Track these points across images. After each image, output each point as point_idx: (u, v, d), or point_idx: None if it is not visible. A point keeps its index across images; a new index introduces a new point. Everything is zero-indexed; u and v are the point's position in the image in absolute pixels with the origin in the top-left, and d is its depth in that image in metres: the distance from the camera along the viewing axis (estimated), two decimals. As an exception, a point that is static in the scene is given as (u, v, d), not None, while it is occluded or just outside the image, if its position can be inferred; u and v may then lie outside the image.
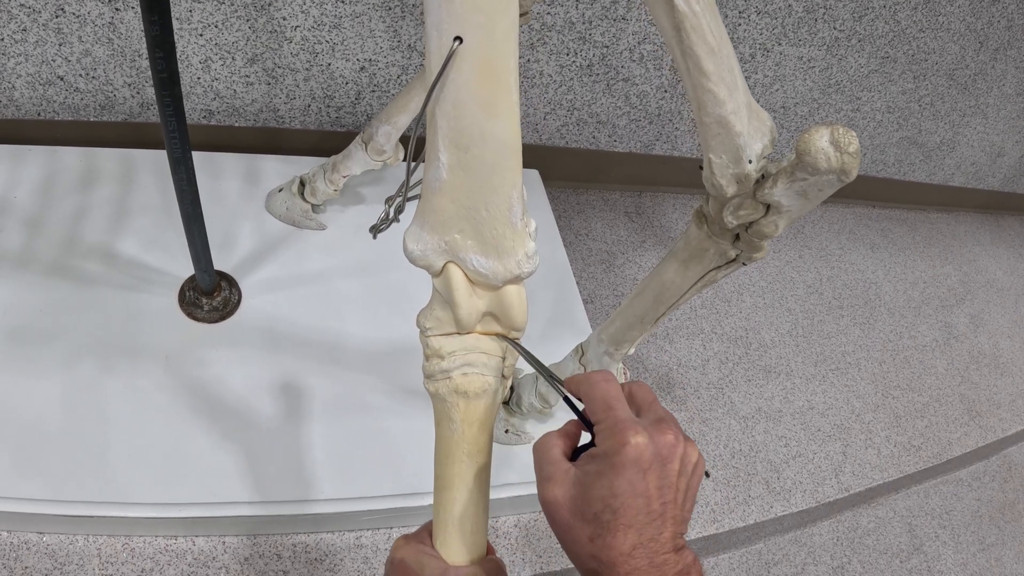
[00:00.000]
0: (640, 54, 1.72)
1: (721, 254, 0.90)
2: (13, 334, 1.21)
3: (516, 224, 0.59)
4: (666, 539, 0.52)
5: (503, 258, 0.59)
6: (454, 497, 0.64)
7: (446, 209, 0.58)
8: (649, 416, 0.56)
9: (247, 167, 1.55)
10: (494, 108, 0.54)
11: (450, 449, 0.65)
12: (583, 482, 0.53)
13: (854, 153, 0.68)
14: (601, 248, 1.88)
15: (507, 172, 0.57)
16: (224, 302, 1.32)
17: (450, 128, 0.55)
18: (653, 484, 0.52)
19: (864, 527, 1.73)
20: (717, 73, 0.72)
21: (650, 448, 0.52)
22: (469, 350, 0.64)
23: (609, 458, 0.52)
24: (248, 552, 1.14)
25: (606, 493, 0.51)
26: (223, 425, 1.19)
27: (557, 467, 0.55)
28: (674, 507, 0.53)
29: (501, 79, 0.54)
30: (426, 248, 0.61)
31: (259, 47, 1.47)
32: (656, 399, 0.58)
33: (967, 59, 2.03)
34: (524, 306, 0.63)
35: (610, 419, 0.54)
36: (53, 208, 1.38)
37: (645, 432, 0.53)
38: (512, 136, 0.56)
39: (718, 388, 1.69)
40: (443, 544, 0.64)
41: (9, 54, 1.38)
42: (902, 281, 2.24)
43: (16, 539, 1.08)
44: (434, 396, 0.66)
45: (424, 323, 0.65)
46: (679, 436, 0.54)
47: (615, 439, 0.52)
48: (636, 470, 0.51)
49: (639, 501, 0.51)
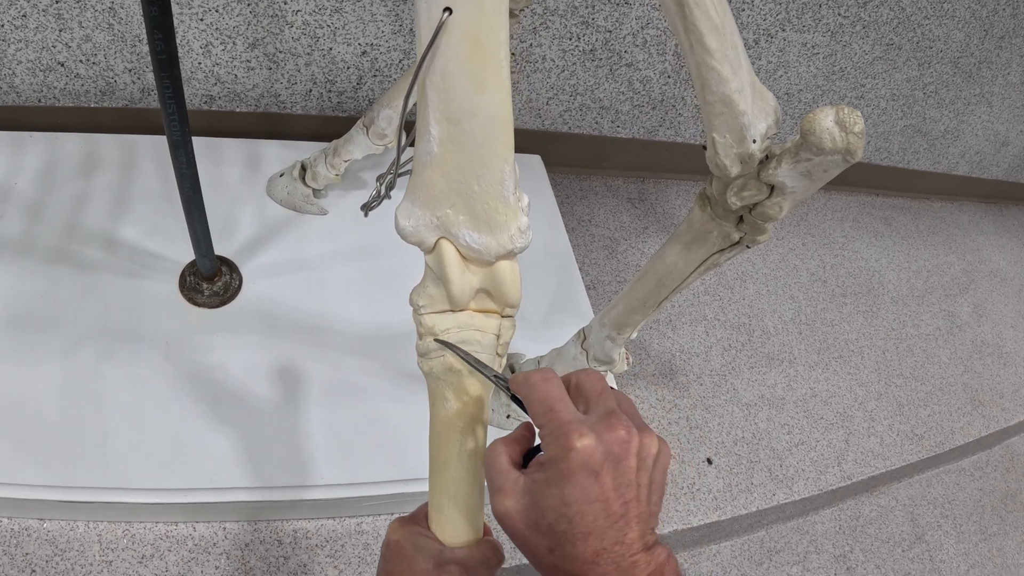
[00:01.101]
0: (643, 39, 1.71)
1: (724, 236, 0.89)
2: (14, 320, 1.20)
3: (508, 198, 0.58)
4: (632, 539, 0.49)
5: (496, 233, 0.59)
6: (449, 477, 0.63)
7: (437, 184, 0.58)
8: (598, 410, 0.52)
9: (248, 152, 1.55)
10: (483, 81, 0.54)
11: (445, 428, 0.64)
12: (533, 492, 0.50)
13: (859, 133, 0.67)
14: (604, 234, 1.87)
15: (498, 146, 0.56)
16: (225, 287, 1.32)
17: (440, 101, 0.55)
18: (609, 486, 0.49)
19: (866, 516, 1.73)
20: (720, 51, 0.71)
21: (599, 448, 0.49)
22: (463, 327, 0.63)
23: (556, 465, 0.49)
24: (249, 538, 1.14)
25: (558, 502, 0.49)
26: (224, 410, 1.18)
27: (505, 477, 0.53)
28: (637, 505, 0.50)
29: (490, 52, 0.53)
30: (418, 224, 0.60)
31: (260, 32, 1.46)
32: (606, 388, 0.55)
33: (972, 47, 2.02)
34: (518, 282, 0.62)
35: (552, 422, 0.51)
36: (54, 194, 1.37)
37: (591, 432, 0.50)
38: (502, 110, 0.55)
39: (721, 375, 1.68)
40: (438, 525, 0.63)
41: (9, 40, 1.38)
42: (905, 270, 2.23)
43: (17, 525, 1.08)
44: (428, 375, 0.65)
45: (417, 301, 0.64)
46: (631, 429, 0.51)
47: (559, 444, 0.50)
48: (587, 474, 0.48)
49: (595, 506, 0.48)
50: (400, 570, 0.61)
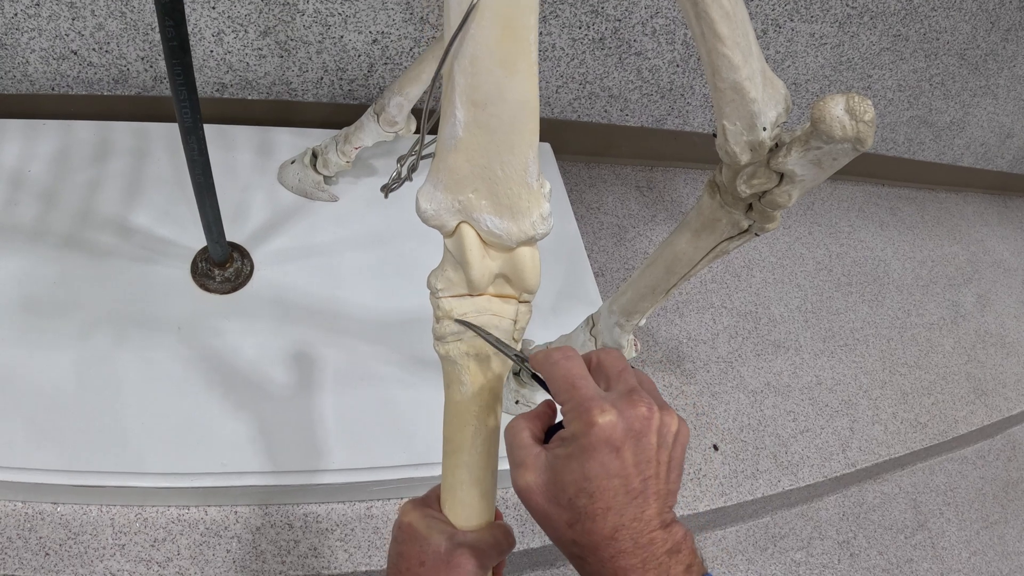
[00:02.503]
0: (652, 28, 1.71)
1: (733, 224, 0.90)
2: (28, 306, 1.22)
3: (532, 184, 0.57)
4: (651, 516, 0.49)
5: (518, 219, 0.58)
6: (463, 460, 0.64)
7: (461, 168, 0.57)
8: (619, 388, 0.52)
9: (260, 139, 1.56)
10: (513, 65, 0.53)
11: (460, 412, 0.64)
12: (554, 467, 0.51)
13: (869, 122, 0.68)
14: (612, 222, 1.88)
15: (524, 131, 0.55)
16: (236, 273, 1.33)
17: (468, 85, 0.54)
18: (630, 462, 0.49)
19: (870, 502, 1.74)
20: (732, 37, 0.71)
21: (620, 424, 0.49)
22: (480, 312, 0.63)
23: (578, 440, 0.49)
24: (260, 522, 1.15)
25: (579, 477, 0.49)
26: (235, 396, 1.20)
27: (527, 452, 0.53)
28: (656, 482, 0.50)
29: (520, 36, 0.52)
30: (439, 207, 0.59)
31: (272, 20, 1.47)
32: (627, 366, 0.55)
33: (978, 39, 2.02)
34: (538, 268, 0.62)
35: (575, 399, 0.51)
36: (67, 181, 1.38)
37: (613, 408, 0.50)
38: (530, 95, 0.54)
39: (727, 362, 1.69)
40: (451, 508, 0.64)
41: (23, 29, 1.38)
42: (910, 259, 2.24)
43: (31, 509, 1.09)
44: (444, 358, 0.65)
45: (435, 284, 0.63)
46: (652, 407, 0.51)
47: (581, 420, 0.50)
48: (608, 450, 0.49)
49: (615, 482, 0.49)
50: (412, 552, 0.61)
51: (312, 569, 1.13)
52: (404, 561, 0.61)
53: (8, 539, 1.05)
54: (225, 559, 1.11)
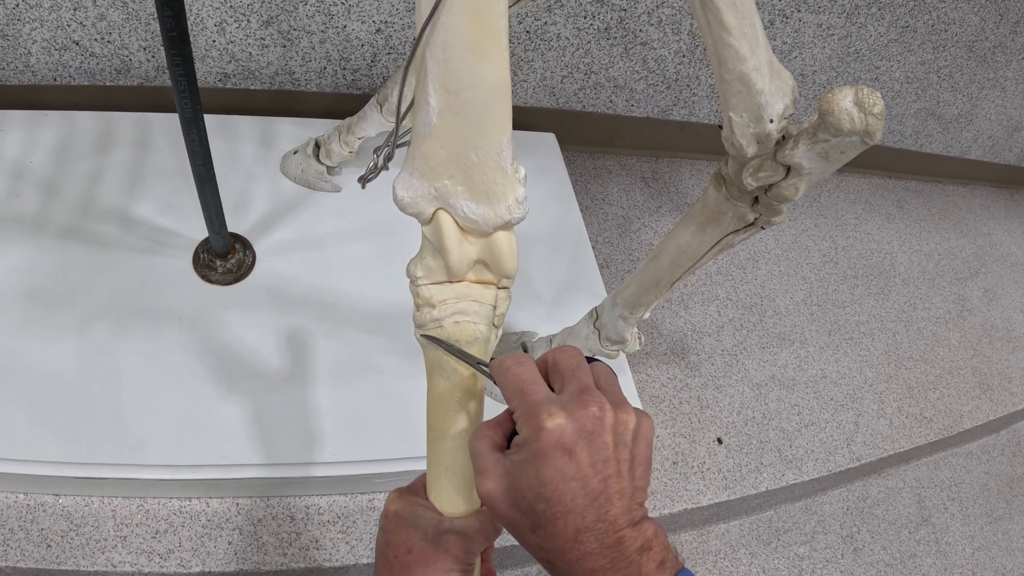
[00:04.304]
0: (658, 18, 1.70)
1: (739, 217, 0.89)
2: (29, 297, 1.21)
3: (506, 169, 0.58)
4: (615, 515, 0.49)
5: (493, 204, 0.59)
6: (445, 448, 0.64)
7: (436, 154, 0.58)
8: (570, 388, 0.52)
9: (262, 130, 1.55)
10: (483, 51, 0.54)
11: (441, 399, 0.65)
12: (511, 473, 0.50)
13: (878, 115, 0.67)
14: (617, 213, 1.87)
15: (497, 116, 0.56)
16: (238, 264, 1.33)
17: (440, 72, 0.55)
18: (585, 463, 0.49)
19: (874, 497, 1.73)
20: (738, 28, 0.71)
21: (570, 426, 0.49)
22: (460, 298, 0.63)
23: (529, 446, 0.49)
24: (262, 513, 1.15)
25: (535, 483, 0.49)
26: (237, 387, 1.19)
27: (487, 459, 0.52)
28: (619, 480, 0.49)
29: (490, 22, 0.54)
30: (416, 195, 0.60)
31: (274, 9, 1.46)
32: (581, 363, 0.54)
33: (987, 31, 2.01)
34: (514, 252, 0.62)
35: (524, 404, 0.51)
36: (69, 172, 1.38)
37: (562, 411, 0.49)
38: (502, 80, 0.55)
39: (732, 355, 1.69)
40: (437, 495, 0.64)
41: (24, 20, 1.38)
42: (917, 253, 2.23)
43: (33, 501, 1.09)
44: (425, 347, 0.65)
45: (414, 272, 0.64)
46: (604, 405, 0.50)
47: (530, 425, 0.50)
48: (560, 453, 0.48)
49: (572, 485, 0.48)
50: (398, 540, 0.61)
51: (314, 561, 1.13)
52: (391, 549, 0.61)
53: (10, 530, 1.06)
54: (227, 551, 1.11)
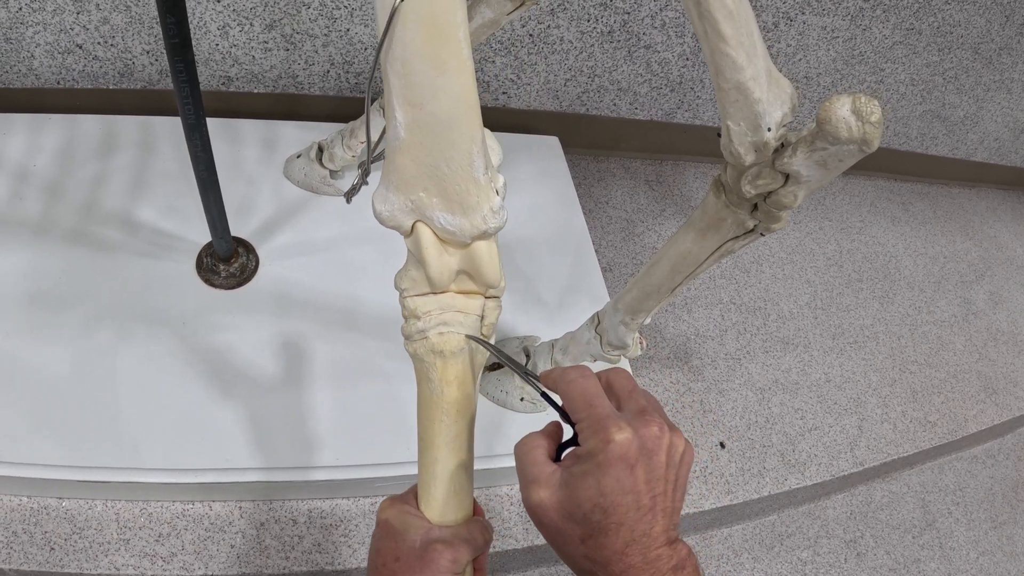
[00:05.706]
0: (662, 21, 1.70)
1: (739, 224, 0.89)
2: (32, 301, 1.22)
3: (479, 179, 0.58)
4: (658, 533, 0.51)
5: (469, 214, 0.59)
6: (436, 457, 0.64)
7: (408, 168, 0.58)
8: (630, 407, 0.55)
9: (265, 133, 1.55)
10: (443, 64, 0.54)
11: (430, 409, 0.65)
12: (569, 483, 0.52)
13: (876, 123, 0.66)
14: (621, 216, 1.87)
15: (464, 127, 0.56)
16: (241, 268, 1.33)
17: (402, 86, 0.55)
18: (641, 479, 0.51)
19: (877, 502, 1.73)
20: (735, 37, 0.71)
21: (635, 443, 0.51)
22: (444, 309, 0.64)
23: (594, 457, 0.51)
24: (264, 517, 1.16)
25: (594, 493, 0.51)
26: (240, 391, 1.19)
27: (541, 469, 0.54)
28: (664, 499, 0.52)
29: (447, 34, 0.53)
30: (393, 208, 0.61)
31: (277, 13, 1.46)
32: (636, 386, 0.57)
33: (992, 33, 2.00)
34: (496, 262, 0.63)
35: (591, 416, 0.53)
36: (72, 176, 1.38)
37: (628, 427, 0.52)
38: (465, 90, 0.55)
39: (735, 359, 1.68)
40: (427, 504, 0.64)
41: (27, 23, 1.38)
42: (922, 256, 2.22)
43: (36, 504, 1.09)
44: (413, 357, 0.66)
45: (400, 284, 0.65)
46: (663, 426, 0.53)
47: (598, 437, 0.52)
48: (623, 467, 0.51)
49: (628, 498, 0.51)
50: (388, 548, 0.62)
51: (316, 565, 1.13)
52: (380, 557, 0.62)
53: (13, 533, 1.06)
54: (229, 554, 1.11)
